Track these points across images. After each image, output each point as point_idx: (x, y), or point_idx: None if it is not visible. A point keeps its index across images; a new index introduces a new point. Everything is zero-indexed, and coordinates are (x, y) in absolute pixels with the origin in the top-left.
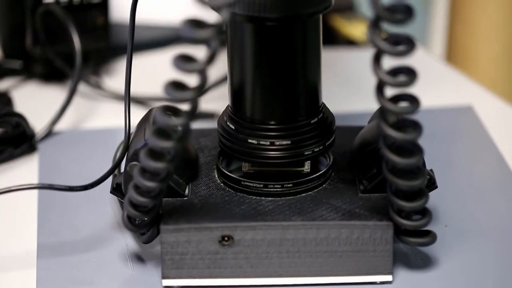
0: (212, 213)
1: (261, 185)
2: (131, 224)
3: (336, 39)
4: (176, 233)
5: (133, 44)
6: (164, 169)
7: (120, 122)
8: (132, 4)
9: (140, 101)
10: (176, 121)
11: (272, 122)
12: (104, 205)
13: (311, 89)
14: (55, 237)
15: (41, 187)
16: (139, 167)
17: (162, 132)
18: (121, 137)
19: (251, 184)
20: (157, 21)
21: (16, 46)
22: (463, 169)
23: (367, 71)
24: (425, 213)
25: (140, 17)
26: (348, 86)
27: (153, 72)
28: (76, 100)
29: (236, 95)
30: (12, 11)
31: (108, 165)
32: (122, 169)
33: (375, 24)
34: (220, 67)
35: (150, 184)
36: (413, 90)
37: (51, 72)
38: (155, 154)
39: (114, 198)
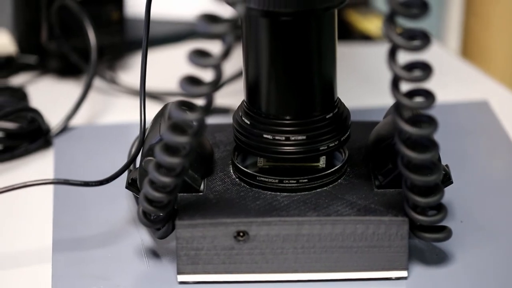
0: (227, 209)
1: (276, 181)
2: (146, 219)
3: (351, 34)
4: (191, 228)
5: (148, 39)
6: (179, 164)
7: (135, 117)
8: None
9: (155, 96)
10: (191, 116)
11: (287, 117)
12: (119, 200)
13: (326, 84)
14: (71, 232)
15: (56, 182)
16: (154, 162)
17: (178, 127)
18: (136, 132)
19: (266, 180)
20: (172, 16)
21: (31, 41)
22: (479, 165)
23: (383, 66)
24: (440, 208)
25: (155, 12)
26: (363, 81)
27: (168, 67)
28: (91, 95)
29: (251, 90)
30: (27, 6)
31: (123, 160)
32: (138, 164)
33: (390, 19)
34: (235, 62)
35: (165, 179)
36: (429, 85)
37: (66, 67)
38: (170, 149)
39: (129, 193)
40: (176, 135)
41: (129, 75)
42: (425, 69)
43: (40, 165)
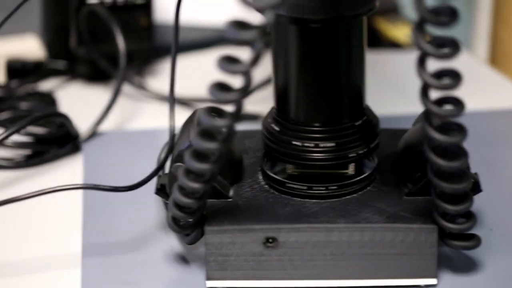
0: (256, 215)
1: (305, 187)
2: (176, 225)
3: (380, 41)
4: (220, 234)
5: (177, 45)
6: (208, 170)
7: (164, 123)
8: (176, 5)
9: (184, 102)
10: (220, 122)
11: (317, 124)
12: (148, 206)
13: (355, 91)
14: (100, 237)
15: (86, 187)
16: (183, 168)
17: (207, 133)
18: (165, 138)
19: (295, 186)
20: (201, 22)
21: (60, 46)
22: (508, 173)
23: (411, 73)
24: (469, 216)
25: (184, 18)
26: (392, 88)
27: (197, 73)
28: (120, 101)
29: (281, 96)
30: (56, 12)
31: (153, 166)
32: (167, 170)
33: (419, 26)
34: (264, 69)
35: (194, 185)
36: (457, 93)
37: (95, 72)
38: (199, 155)
39: (158, 199)
40: (205, 141)
41: (158, 81)
42: (455, 77)
43: (69, 170)
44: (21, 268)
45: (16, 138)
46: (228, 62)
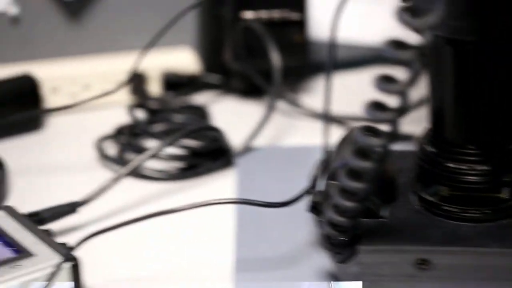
0: (409, 236)
1: (459, 210)
2: (328, 243)
3: None
4: (374, 254)
5: (332, 62)
6: (363, 190)
7: (316, 140)
8: (332, 22)
9: (338, 120)
10: (376, 142)
11: (472, 147)
12: (298, 223)
13: (511, 114)
14: (253, 252)
15: (239, 202)
16: (338, 187)
17: (362, 152)
18: (317, 155)
19: (449, 209)
20: (356, 40)
21: (215, 60)
22: None
23: None
24: None
25: (339, 35)
26: None
27: (351, 91)
28: (274, 117)
29: (436, 118)
30: (212, 26)
31: (303, 182)
32: (319, 188)
33: None
34: (420, 89)
35: (348, 204)
36: None
37: (249, 87)
38: (354, 174)
39: (307, 216)
40: (360, 160)
41: (312, 98)
42: None
43: (221, 184)
44: (174, 278)
45: (170, 150)
46: (385, 82)
